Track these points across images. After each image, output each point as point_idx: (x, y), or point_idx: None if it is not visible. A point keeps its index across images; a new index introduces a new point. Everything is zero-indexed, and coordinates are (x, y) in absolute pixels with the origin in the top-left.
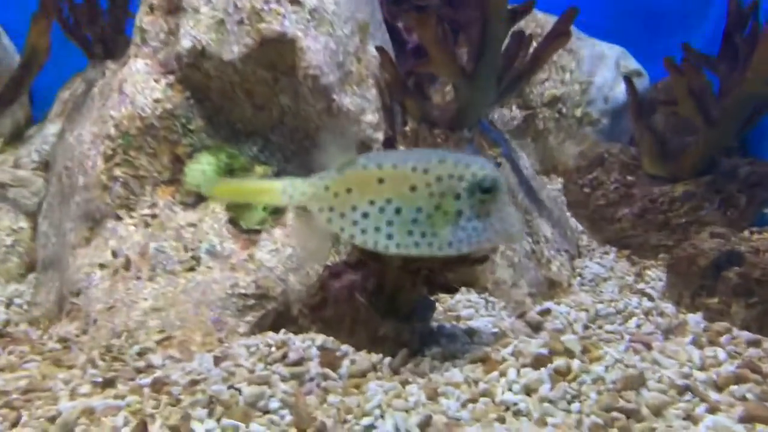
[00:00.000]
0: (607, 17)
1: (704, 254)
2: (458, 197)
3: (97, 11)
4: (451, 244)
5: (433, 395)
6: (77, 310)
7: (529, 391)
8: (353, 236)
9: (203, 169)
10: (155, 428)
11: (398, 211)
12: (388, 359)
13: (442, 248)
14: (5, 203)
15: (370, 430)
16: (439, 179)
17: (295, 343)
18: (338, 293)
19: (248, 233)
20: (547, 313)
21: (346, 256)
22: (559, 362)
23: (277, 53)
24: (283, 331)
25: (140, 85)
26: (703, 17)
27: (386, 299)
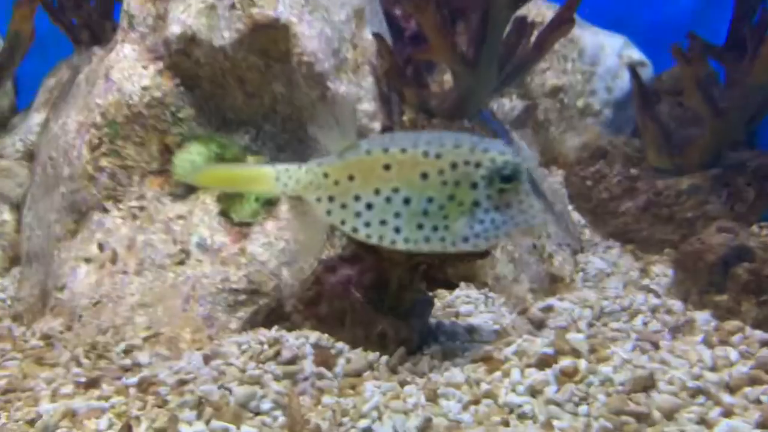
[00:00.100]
0: (610, 5)
1: (712, 250)
2: (475, 186)
3: None
4: (466, 239)
5: (432, 396)
6: (61, 305)
7: (534, 392)
8: (356, 230)
9: (193, 159)
10: (141, 431)
11: (407, 201)
12: (385, 358)
13: (455, 243)
14: None
15: None
16: (453, 166)
17: (288, 340)
18: (333, 288)
19: (240, 226)
20: (549, 309)
21: (341, 249)
22: (565, 362)
23: (269, 39)
24: (275, 327)
25: (128, 71)
26: (708, 6)
27: (383, 295)
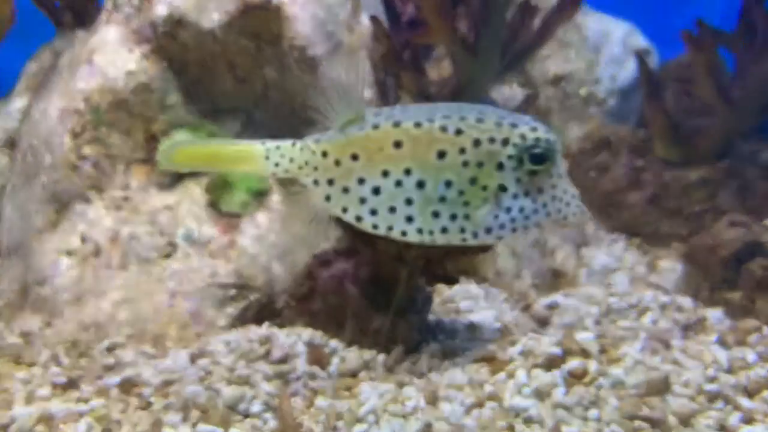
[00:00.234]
0: None
1: (725, 245)
2: (501, 167)
3: None
4: (490, 230)
5: (432, 399)
6: (42, 300)
7: (541, 395)
8: (360, 218)
9: None
10: None
11: (421, 185)
12: (381, 356)
13: (478, 235)
14: None
15: None
16: (476, 143)
17: (279, 338)
18: (327, 283)
19: (229, 217)
20: (553, 306)
21: (335, 242)
22: (574, 363)
23: (260, 21)
24: (266, 324)
25: (112, 55)
26: None
27: (380, 290)
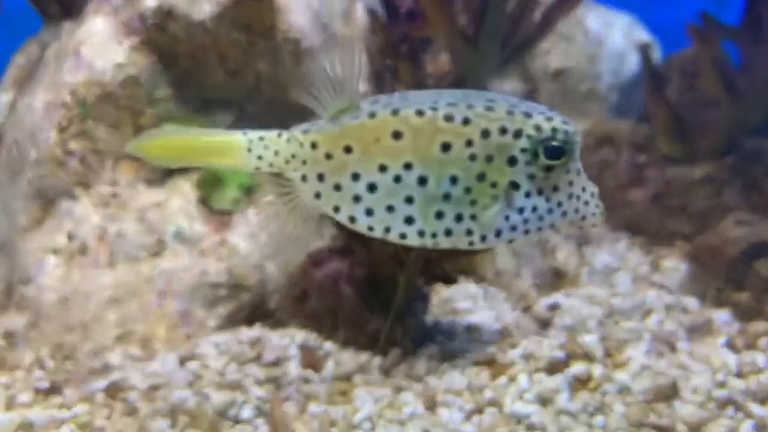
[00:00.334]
0: None
1: (732, 244)
2: (513, 162)
3: None
4: (499, 232)
5: (431, 404)
6: (26, 300)
7: (543, 401)
8: (354, 219)
9: None
10: None
11: (423, 181)
12: (377, 359)
13: (486, 239)
14: None
15: None
16: (485, 134)
17: (271, 340)
18: (322, 283)
19: (220, 214)
20: (555, 307)
21: (330, 240)
22: (578, 367)
23: (253, 13)
24: (258, 325)
25: (100, 47)
26: None
27: (376, 291)
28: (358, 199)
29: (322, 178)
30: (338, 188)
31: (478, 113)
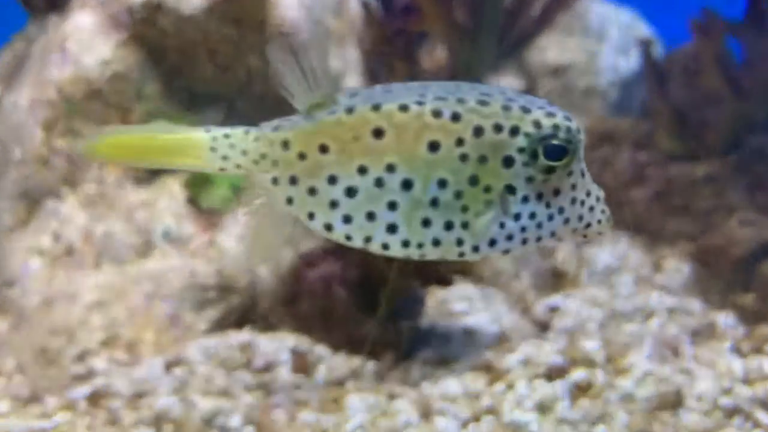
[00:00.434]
0: None
1: (737, 244)
2: (510, 163)
3: None
4: (494, 242)
5: (426, 412)
6: (10, 303)
7: (543, 409)
8: (330, 227)
9: None
10: None
11: (407, 185)
12: (371, 364)
13: (479, 249)
14: None
15: None
16: (478, 132)
17: (261, 344)
18: (314, 285)
19: (210, 214)
20: (554, 309)
21: (323, 240)
22: (578, 374)
23: (244, 7)
24: (248, 328)
25: (86, 42)
26: None
27: (370, 293)
28: (335, 204)
29: (294, 180)
30: (313, 192)
31: (469, 108)
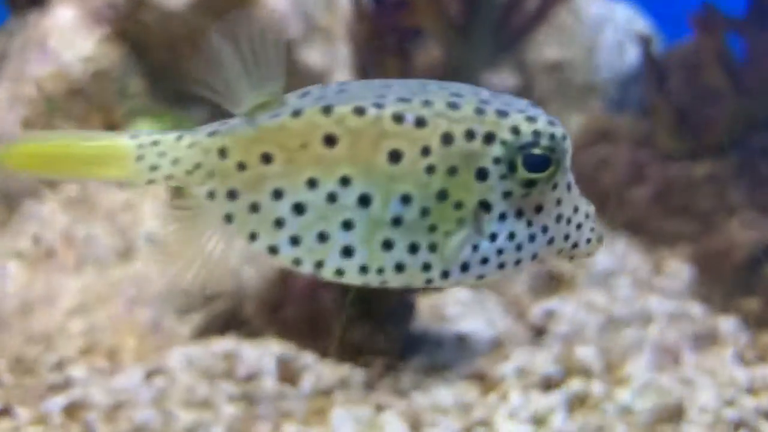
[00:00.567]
0: None
1: (740, 247)
2: (484, 175)
3: None
4: (466, 266)
5: (415, 425)
6: None
7: (538, 421)
8: (275, 249)
9: None
10: None
11: (365, 201)
12: (360, 372)
13: (449, 275)
14: None
15: None
16: (447, 140)
17: (245, 352)
18: (301, 290)
19: None
20: (550, 313)
21: None
22: (575, 384)
23: (230, 1)
24: (233, 334)
25: (67, 38)
26: None
27: (358, 298)
28: (280, 223)
29: (234, 195)
30: (255, 209)
31: (437, 112)
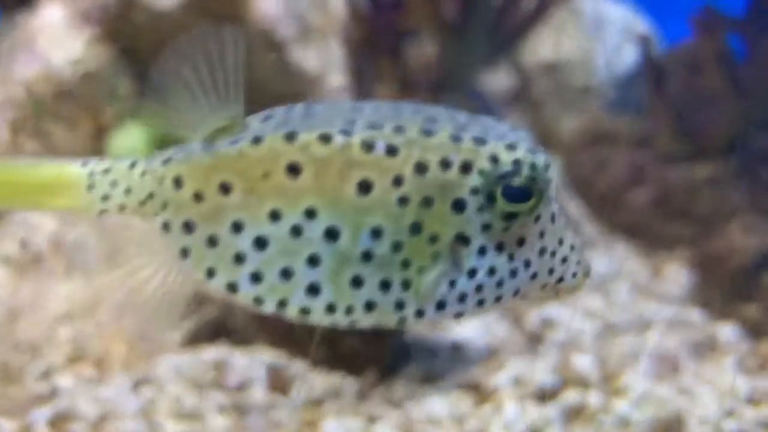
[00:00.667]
0: None
1: (739, 252)
2: (461, 207)
3: None
4: (442, 305)
5: None
6: None
7: None
8: (234, 286)
9: (132, 144)
10: None
11: (332, 234)
12: (352, 381)
13: (424, 314)
14: None
15: None
16: (420, 169)
17: (235, 360)
18: None
19: None
20: (547, 319)
21: None
22: (571, 395)
23: (222, 2)
24: (223, 342)
25: (56, 39)
26: None
27: None
28: (240, 258)
29: (190, 227)
30: (213, 243)
31: (410, 139)
